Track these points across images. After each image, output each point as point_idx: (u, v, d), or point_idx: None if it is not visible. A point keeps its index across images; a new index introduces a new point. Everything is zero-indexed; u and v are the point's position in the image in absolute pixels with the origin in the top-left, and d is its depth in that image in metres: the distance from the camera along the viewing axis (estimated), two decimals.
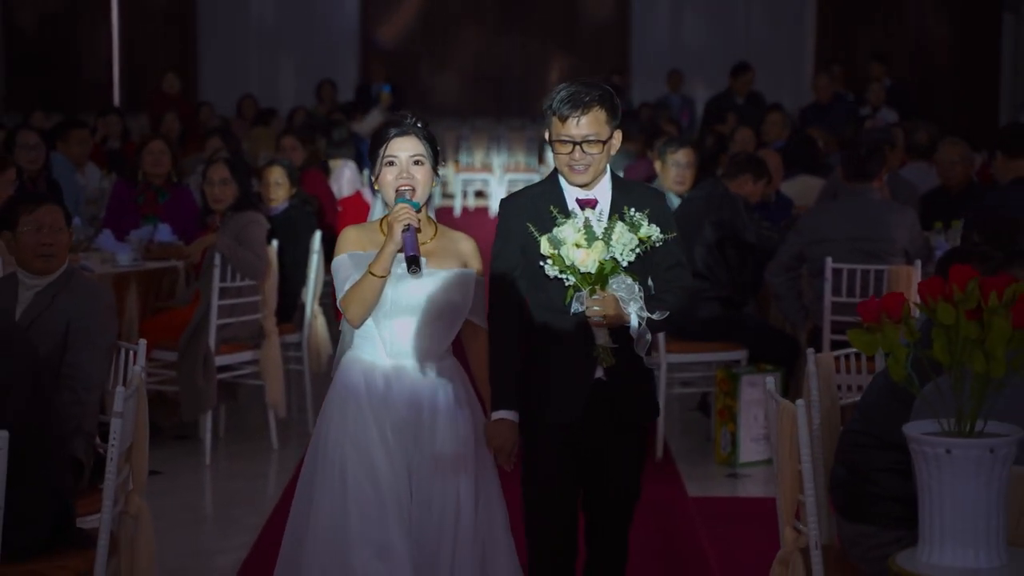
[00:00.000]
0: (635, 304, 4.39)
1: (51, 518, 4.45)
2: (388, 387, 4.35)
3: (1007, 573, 3.28)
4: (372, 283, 4.28)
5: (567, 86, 4.45)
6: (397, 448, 4.31)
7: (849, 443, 4.35)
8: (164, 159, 8.82)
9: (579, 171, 4.43)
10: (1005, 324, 3.22)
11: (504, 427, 4.41)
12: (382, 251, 4.27)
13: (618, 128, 4.48)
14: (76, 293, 5.26)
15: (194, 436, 8.00)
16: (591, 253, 4.32)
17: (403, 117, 4.44)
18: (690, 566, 6.10)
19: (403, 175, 4.36)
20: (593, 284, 4.36)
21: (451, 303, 4.38)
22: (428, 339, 4.38)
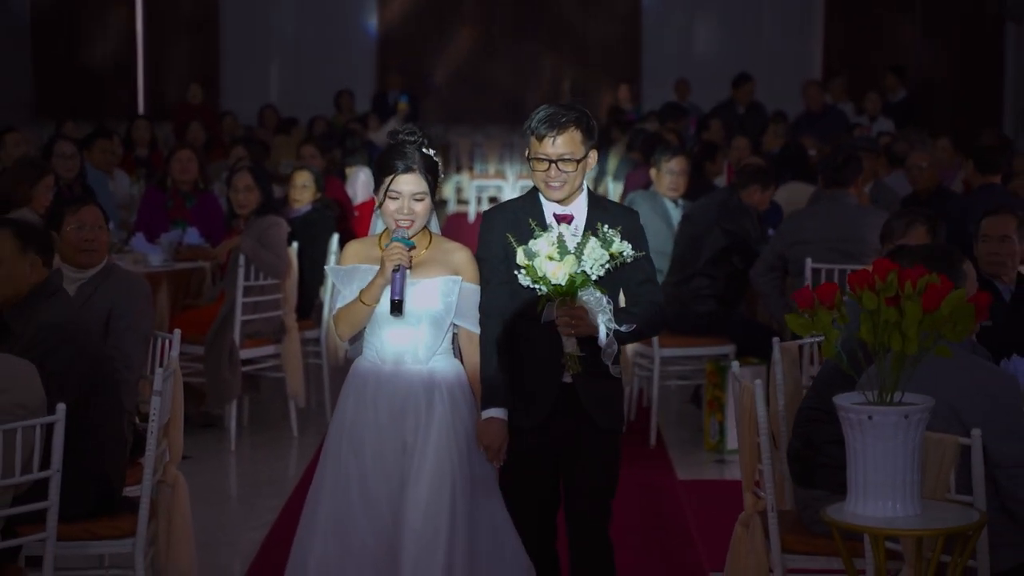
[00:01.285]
0: (603, 316, 4.54)
1: (98, 492, 4.97)
2: (381, 385, 4.58)
3: (920, 521, 3.83)
4: (361, 309, 4.55)
5: (546, 107, 4.68)
6: (391, 431, 4.53)
7: (803, 418, 4.89)
8: (192, 167, 9.39)
9: (555, 188, 4.64)
10: (917, 309, 3.76)
11: (494, 425, 4.59)
12: (373, 283, 4.52)
13: (594, 148, 4.69)
14: (116, 285, 5.85)
15: (219, 425, 8.47)
16: (562, 266, 4.48)
17: (410, 140, 4.62)
18: (676, 541, 6.62)
19: (403, 210, 4.57)
20: (563, 295, 4.52)
21: (431, 311, 4.58)
22: (414, 344, 4.58)
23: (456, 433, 4.56)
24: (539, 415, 4.66)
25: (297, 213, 8.95)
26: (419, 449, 4.52)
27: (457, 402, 4.61)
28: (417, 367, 4.59)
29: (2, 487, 4.30)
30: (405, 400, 4.56)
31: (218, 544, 6.57)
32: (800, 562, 4.83)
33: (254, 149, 11.45)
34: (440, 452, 4.52)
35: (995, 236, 6.28)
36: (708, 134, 14.28)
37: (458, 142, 20.02)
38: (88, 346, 4.93)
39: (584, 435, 4.69)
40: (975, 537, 3.88)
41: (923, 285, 3.78)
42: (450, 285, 4.60)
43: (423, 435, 4.53)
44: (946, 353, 3.84)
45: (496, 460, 4.61)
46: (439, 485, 4.50)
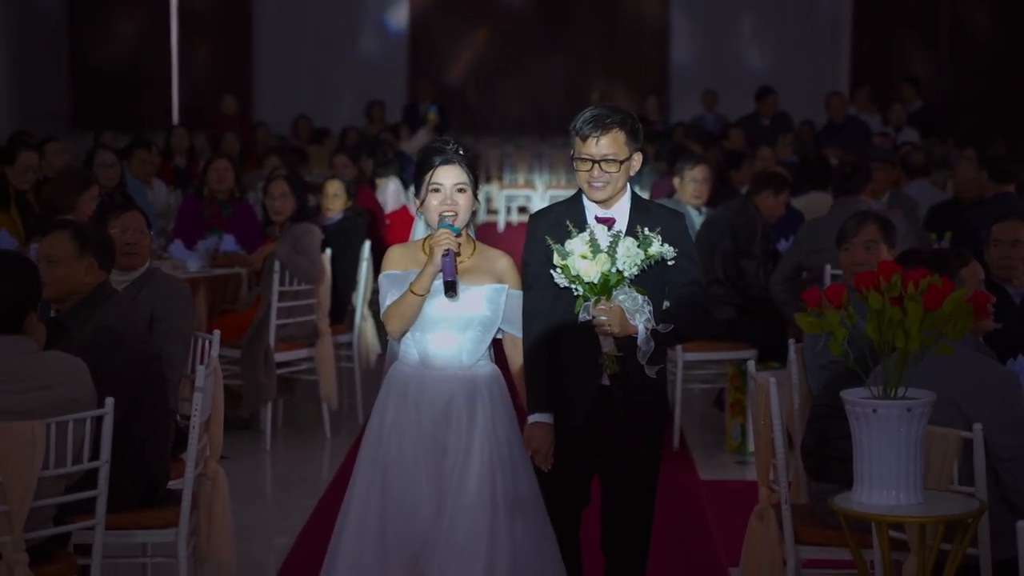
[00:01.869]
0: (641, 316, 4.56)
1: (143, 484, 5.20)
2: (424, 390, 4.64)
3: (922, 509, 4.04)
4: (412, 300, 4.58)
5: (592, 109, 4.72)
6: (431, 449, 4.59)
7: (816, 415, 5.10)
8: (228, 176, 9.65)
9: (597, 188, 4.67)
10: (918, 308, 3.98)
11: (540, 430, 4.66)
12: (423, 271, 4.56)
13: (638, 150, 4.71)
14: (158, 287, 6.12)
15: (255, 427, 8.71)
16: (594, 264, 4.52)
17: (445, 143, 4.71)
18: (696, 537, 6.84)
19: (447, 202, 4.63)
20: (598, 294, 4.55)
21: (480, 317, 4.64)
22: (460, 349, 4.64)
23: (498, 438, 4.61)
24: (578, 418, 4.70)
25: (330, 221, 9.20)
26: (461, 455, 4.57)
27: (498, 407, 4.66)
28: (460, 372, 4.64)
29: (55, 476, 4.54)
30: (448, 405, 4.61)
31: (253, 540, 6.78)
32: (813, 553, 5.04)
33: (288, 159, 11.71)
34: (483, 460, 4.56)
35: (1006, 240, 6.47)
36: (729, 143, 14.48)
37: (488, 152, 20.25)
38: (138, 348, 5.17)
39: (622, 438, 4.74)
40: (974, 524, 4.08)
41: (925, 285, 3.99)
42: (497, 292, 4.67)
43: (465, 441, 4.58)
44: (947, 351, 4.05)
45: (544, 464, 4.67)
46: (481, 497, 4.53)
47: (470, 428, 4.60)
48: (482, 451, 4.57)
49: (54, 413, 4.50)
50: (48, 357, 4.63)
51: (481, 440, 4.59)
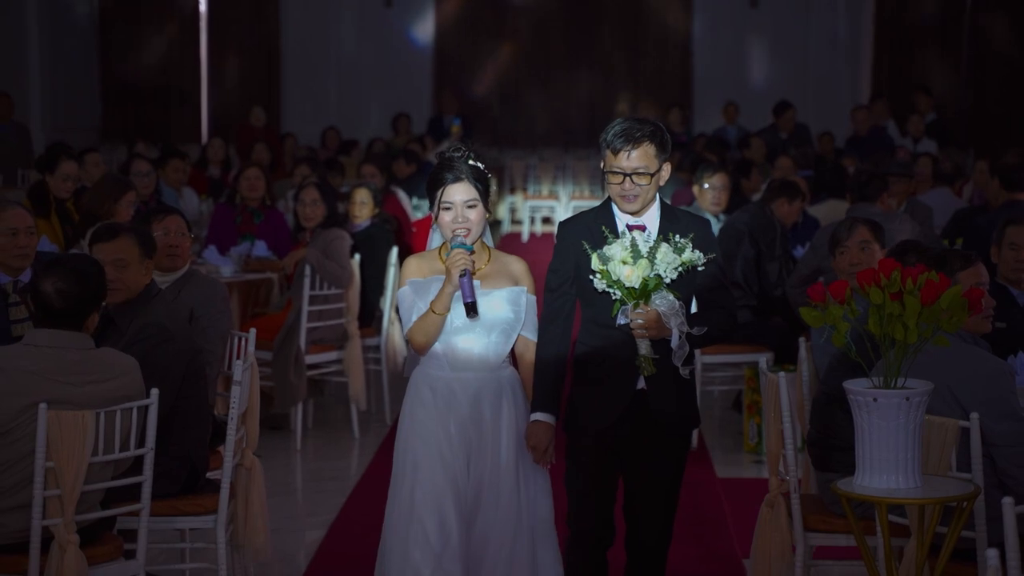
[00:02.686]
0: (676, 319, 4.65)
1: (185, 473, 5.48)
2: (452, 393, 4.77)
3: (920, 492, 4.28)
4: (434, 320, 4.71)
5: (621, 121, 4.76)
6: (460, 443, 4.73)
7: (817, 407, 5.35)
8: (259, 184, 9.95)
9: (629, 200, 4.74)
10: (916, 303, 4.22)
11: (540, 428, 4.73)
12: (442, 292, 4.69)
13: (667, 161, 4.78)
14: (197, 287, 6.41)
15: (286, 427, 9.00)
16: (636, 269, 4.60)
17: (457, 153, 4.82)
18: (712, 530, 7.08)
19: (459, 219, 4.75)
20: (637, 298, 4.64)
21: (505, 319, 4.78)
22: (486, 351, 4.78)
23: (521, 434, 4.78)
24: (610, 417, 4.78)
25: (358, 228, 9.48)
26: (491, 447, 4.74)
27: (520, 406, 4.82)
28: (487, 373, 4.79)
29: (103, 463, 4.81)
30: (476, 404, 4.75)
31: (285, 534, 7.04)
32: (820, 539, 5.28)
33: (318, 168, 12.00)
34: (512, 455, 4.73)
35: (1021, 244, 6.60)
36: (749, 152, 14.72)
37: (512, 164, 20.52)
38: (183, 344, 5.45)
39: (653, 440, 4.82)
40: (968, 507, 4.32)
41: (922, 281, 4.23)
42: (517, 294, 4.81)
43: (494, 435, 4.75)
44: (944, 343, 4.30)
45: (543, 462, 4.78)
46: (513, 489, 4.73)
47: (496, 425, 4.76)
48: (510, 447, 4.75)
49: (106, 406, 4.78)
50: (105, 354, 4.91)
51: (509, 435, 4.76)
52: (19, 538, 4.72)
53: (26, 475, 4.67)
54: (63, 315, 4.75)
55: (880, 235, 6.67)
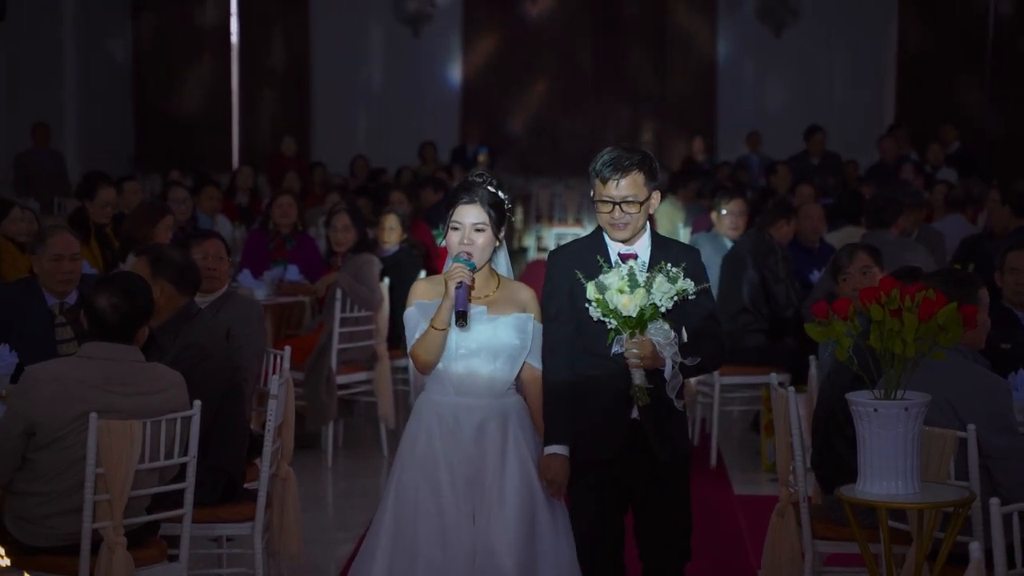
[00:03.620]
0: (670, 349, 4.71)
1: (223, 483, 5.78)
2: (456, 421, 4.75)
3: (918, 497, 4.54)
4: (435, 335, 4.71)
5: (610, 150, 4.82)
6: (466, 463, 4.72)
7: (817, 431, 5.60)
8: (291, 211, 10.28)
9: (619, 228, 4.80)
10: (914, 319, 4.49)
11: (557, 462, 4.73)
12: (441, 307, 4.70)
13: (656, 189, 4.84)
14: (235, 307, 6.73)
15: (317, 445, 9.27)
16: (633, 299, 4.65)
17: (478, 179, 4.86)
18: (728, 544, 7.33)
19: (464, 240, 4.77)
20: (633, 328, 4.68)
21: (510, 345, 4.78)
22: (491, 378, 4.77)
23: (531, 465, 4.76)
24: (609, 450, 4.82)
25: (387, 252, 9.79)
26: (495, 480, 4.71)
27: (527, 435, 4.81)
28: (492, 400, 4.78)
29: (149, 469, 5.11)
30: (482, 431, 4.75)
31: (316, 545, 7.30)
32: (827, 547, 5.55)
33: (348, 196, 12.33)
34: (521, 483, 4.71)
35: (1022, 268, 6.89)
36: (775, 179, 14.98)
37: (539, 193, 20.85)
38: (221, 361, 5.76)
39: (654, 467, 4.86)
40: (964, 511, 4.57)
41: (920, 299, 4.50)
42: (524, 321, 4.80)
43: (498, 467, 4.72)
44: (941, 357, 4.56)
45: (558, 495, 4.77)
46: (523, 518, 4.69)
47: (503, 452, 4.74)
48: (515, 473, 4.72)
49: (152, 416, 5.08)
50: (153, 368, 5.21)
51: (514, 462, 4.74)
52: (70, 540, 5.00)
53: (77, 480, 4.96)
54: (117, 329, 5.05)
55: (879, 259, 6.95)
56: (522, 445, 4.77)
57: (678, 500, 4.95)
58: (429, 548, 4.69)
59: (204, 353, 5.67)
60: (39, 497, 5.01)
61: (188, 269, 5.97)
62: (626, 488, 4.90)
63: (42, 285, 6.65)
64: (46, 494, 5.01)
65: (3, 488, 5.10)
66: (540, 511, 4.74)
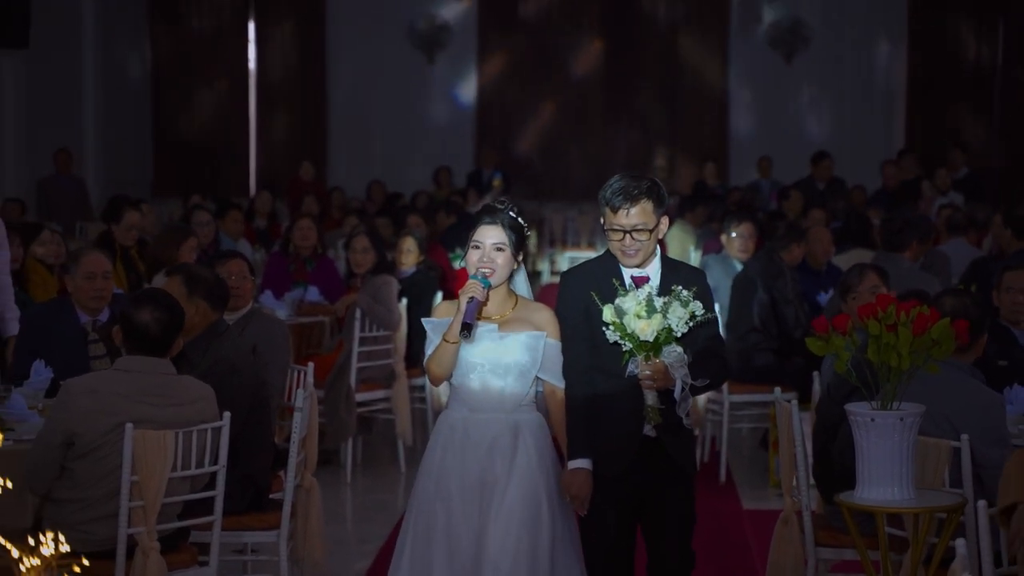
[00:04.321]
0: (681, 371, 4.84)
1: (250, 493, 6.03)
2: (468, 435, 4.88)
3: (914, 503, 4.77)
4: (446, 348, 4.86)
5: (619, 179, 4.94)
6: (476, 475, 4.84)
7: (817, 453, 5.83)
8: (311, 234, 10.56)
9: (630, 255, 4.93)
10: (908, 333, 4.73)
11: (580, 476, 4.85)
12: (454, 321, 4.84)
13: (664, 215, 4.97)
14: (259, 325, 7.00)
15: (336, 462, 9.49)
16: (650, 324, 4.77)
17: (500, 204, 4.99)
18: (735, 556, 7.57)
19: (484, 259, 4.91)
20: (648, 351, 4.81)
21: (520, 363, 4.89)
22: (501, 394, 4.88)
23: (538, 478, 4.84)
24: (621, 465, 4.93)
25: (405, 274, 10.06)
26: (500, 489, 4.81)
27: (541, 450, 4.89)
28: (503, 416, 4.89)
29: (181, 478, 5.36)
30: (492, 445, 4.86)
31: (335, 560, 7.39)
32: (829, 554, 5.79)
33: (366, 219, 12.60)
34: (525, 493, 4.80)
35: (1018, 288, 7.12)
36: (788, 203, 15.23)
37: (552, 217, 21.12)
38: (248, 377, 6.01)
39: (664, 484, 4.99)
40: (957, 515, 4.80)
41: (914, 314, 4.74)
42: (535, 339, 4.91)
43: (505, 477, 4.82)
44: (935, 369, 4.80)
45: (581, 509, 4.87)
46: (524, 527, 4.77)
47: (512, 464, 4.85)
48: (520, 484, 4.82)
49: (184, 427, 5.33)
50: (185, 381, 5.46)
51: (521, 475, 4.83)
52: (107, 545, 5.25)
53: (113, 488, 5.21)
54: (158, 342, 5.30)
55: (887, 280, 7.16)
56: (531, 458, 4.86)
57: (685, 516, 5.07)
58: (440, 567, 4.82)
59: (233, 368, 5.92)
60: (76, 504, 5.26)
61: (219, 286, 6.22)
62: (637, 502, 5.01)
63: (75, 303, 6.90)
64: (82, 500, 5.26)
65: (43, 496, 5.35)
66: (544, 523, 4.82)
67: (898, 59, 22.11)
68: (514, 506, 4.80)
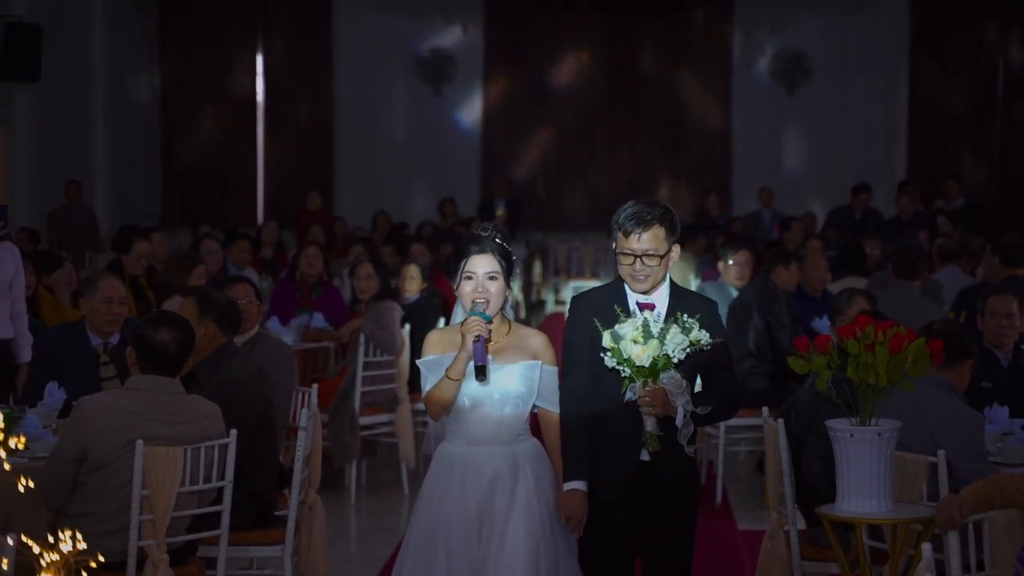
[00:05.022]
0: (681, 398, 4.83)
1: (256, 509, 6.25)
2: (467, 472, 4.87)
3: (891, 514, 4.98)
4: (448, 385, 4.84)
5: (632, 204, 4.94)
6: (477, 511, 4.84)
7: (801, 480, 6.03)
8: (317, 262, 10.82)
9: (639, 280, 4.93)
10: (885, 352, 4.94)
11: (575, 498, 4.85)
12: (457, 357, 4.80)
13: (676, 243, 4.97)
14: (266, 347, 7.24)
15: (340, 484, 9.71)
16: (646, 349, 4.77)
17: (484, 232, 4.97)
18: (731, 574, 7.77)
19: (479, 289, 4.87)
20: (646, 377, 4.80)
21: (517, 393, 4.88)
22: (499, 425, 4.87)
23: (539, 507, 4.86)
24: (617, 490, 4.93)
25: (409, 300, 10.29)
26: (500, 520, 4.82)
27: (540, 478, 4.90)
28: (501, 448, 4.89)
29: (189, 492, 5.57)
30: (492, 479, 4.85)
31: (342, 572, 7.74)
32: (813, 567, 5.99)
33: (369, 248, 12.85)
34: (527, 525, 4.80)
35: (1002, 312, 7.33)
36: (789, 235, 15.44)
37: (556, 247, 21.33)
38: (256, 395, 6.24)
39: (661, 510, 4.98)
40: (932, 526, 5.00)
41: (890, 334, 4.96)
42: (531, 369, 4.90)
43: (505, 509, 4.83)
44: (910, 387, 5.01)
45: (577, 531, 4.88)
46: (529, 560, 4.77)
47: (512, 496, 4.84)
48: (521, 516, 4.82)
49: (192, 444, 5.55)
50: (192, 399, 5.69)
51: (521, 506, 4.83)
52: (118, 557, 5.45)
53: (124, 502, 5.43)
54: (174, 361, 5.53)
55: (874, 303, 7.37)
56: (531, 486, 4.87)
57: (682, 542, 5.06)
58: None
59: (241, 388, 6.14)
60: (89, 518, 5.47)
61: (230, 309, 6.45)
62: (633, 528, 5.01)
63: (89, 326, 7.13)
64: (95, 514, 5.47)
65: (56, 511, 5.56)
66: (546, 550, 4.83)
67: (899, 92, 22.38)
68: (518, 539, 4.80)
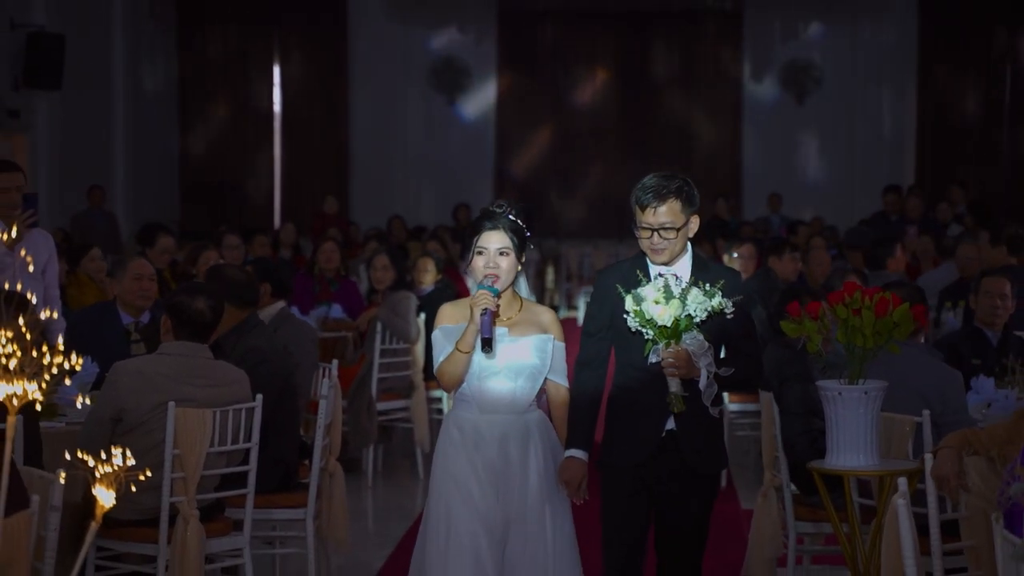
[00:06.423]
0: (704, 359, 4.84)
1: (280, 474, 6.58)
2: (479, 435, 4.97)
3: (878, 467, 5.30)
4: (459, 357, 4.92)
5: (650, 178, 4.99)
6: (488, 480, 4.93)
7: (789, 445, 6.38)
8: (335, 256, 11.20)
9: (658, 252, 4.95)
10: (871, 315, 5.27)
11: (574, 464, 4.92)
12: (466, 331, 4.88)
13: (695, 214, 4.98)
14: (291, 326, 7.60)
15: (357, 469, 10.03)
16: (668, 309, 4.79)
17: (499, 208, 5.05)
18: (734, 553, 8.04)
19: (490, 264, 4.95)
20: (668, 337, 4.82)
21: (531, 365, 4.98)
22: (513, 395, 4.97)
23: (547, 469, 4.98)
24: (642, 455, 4.96)
25: (424, 291, 10.64)
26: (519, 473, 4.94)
27: (548, 446, 5.02)
28: (513, 417, 4.98)
29: (218, 453, 5.91)
30: (503, 439, 4.96)
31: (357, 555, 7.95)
32: (806, 528, 6.35)
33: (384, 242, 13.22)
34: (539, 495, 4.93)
35: (996, 292, 7.60)
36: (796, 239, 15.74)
37: (568, 252, 21.64)
38: (279, 365, 6.58)
39: (683, 479, 5.00)
40: (915, 478, 5.31)
41: (876, 299, 5.28)
42: (544, 342, 5.00)
43: (521, 465, 4.94)
44: (895, 349, 5.34)
45: (575, 497, 4.95)
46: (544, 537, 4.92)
47: (524, 466, 4.95)
48: (536, 487, 4.95)
49: (221, 406, 5.89)
50: (221, 364, 6.03)
51: (536, 476, 4.96)
52: (151, 514, 5.81)
53: (157, 461, 5.75)
54: (210, 327, 5.88)
55: (867, 283, 7.70)
56: (543, 460, 4.97)
57: (700, 511, 5.09)
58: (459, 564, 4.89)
59: (262, 356, 6.48)
60: None
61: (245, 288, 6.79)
62: (653, 497, 5.02)
63: (120, 304, 7.46)
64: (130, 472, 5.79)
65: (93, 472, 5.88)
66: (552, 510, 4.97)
67: (908, 100, 22.67)
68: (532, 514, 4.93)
